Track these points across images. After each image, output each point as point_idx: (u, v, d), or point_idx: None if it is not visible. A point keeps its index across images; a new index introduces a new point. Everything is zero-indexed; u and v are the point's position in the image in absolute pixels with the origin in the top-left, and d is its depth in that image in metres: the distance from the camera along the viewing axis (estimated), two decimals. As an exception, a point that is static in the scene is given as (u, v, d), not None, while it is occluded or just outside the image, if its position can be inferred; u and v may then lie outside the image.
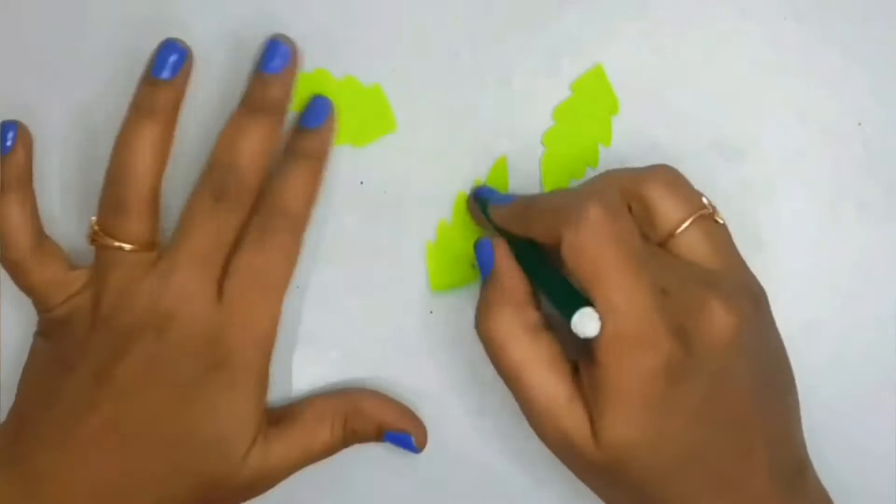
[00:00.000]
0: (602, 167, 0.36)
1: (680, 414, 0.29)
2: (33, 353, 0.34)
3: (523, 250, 0.32)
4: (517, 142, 0.36)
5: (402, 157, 0.36)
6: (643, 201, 0.31)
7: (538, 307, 0.32)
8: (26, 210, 0.33)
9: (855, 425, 0.35)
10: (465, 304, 0.36)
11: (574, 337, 0.29)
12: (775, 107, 0.36)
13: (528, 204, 0.32)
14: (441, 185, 0.36)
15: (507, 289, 0.31)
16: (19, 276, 0.33)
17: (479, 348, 0.36)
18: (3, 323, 0.37)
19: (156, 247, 0.33)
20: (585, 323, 0.28)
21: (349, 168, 0.36)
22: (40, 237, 0.34)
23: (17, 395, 0.34)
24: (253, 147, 0.33)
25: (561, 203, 0.30)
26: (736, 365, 0.30)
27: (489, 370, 0.36)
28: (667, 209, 0.31)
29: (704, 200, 0.31)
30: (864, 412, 0.36)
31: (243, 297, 0.32)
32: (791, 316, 0.32)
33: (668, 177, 0.31)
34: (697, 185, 0.33)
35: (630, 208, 0.31)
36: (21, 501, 0.31)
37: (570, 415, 0.29)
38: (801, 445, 0.31)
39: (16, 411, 0.33)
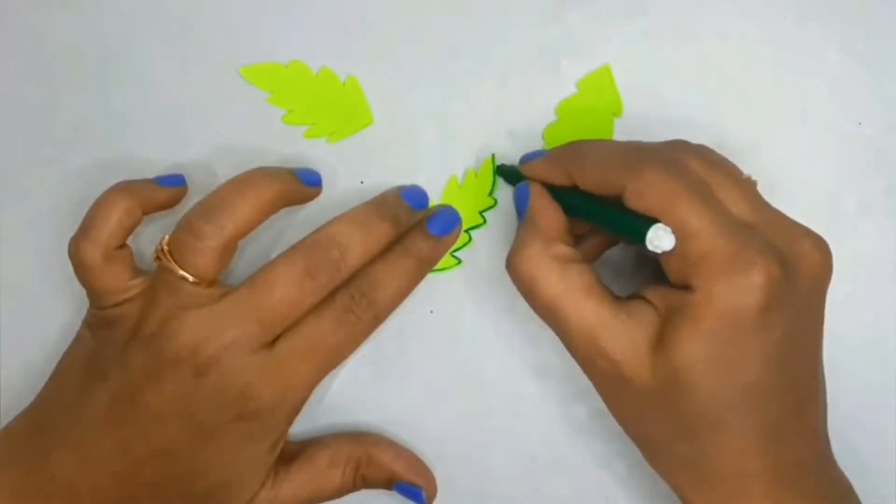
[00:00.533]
0: None
1: (760, 344, 0.28)
2: (76, 343, 0.34)
3: (568, 194, 0.32)
4: (516, 135, 0.36)
5: (402, 157, 0.36)
6: (708, 154, 0.31)
7: (571, 244, 0.31)
8: (129, 215, 0.32)
9: (855, 425, 0.35)
10: (465, 304, 0.36)
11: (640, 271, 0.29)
12: (775, 107, 0.36)
13: (575, 153, 0.32)
14: (441, 185, 0.36)
15: (538, 226, 0.31)
16: (82, 271, 0.32)
17: (479, 349, 0.36)
18: (4, 325, 0.37)
19: (215, 284, 0.32)
20: (660, 237, 0.28)
21: (351, 167, 0.36)
22: (121, 245, 0.33)
23: (49, 383, 0.33)
24: (367, 248, 0.32)
25: (620, 155, 0.30)
26: (817, 308, 0.30)
27: (489, 370, 0.36)
28: (726, 164, 0.31)
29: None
30: (864, 412, 0.36)
31: (293, 361, 0.31)
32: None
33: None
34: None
35: None
36: (27, 493, 0.31)
37: (613, 336, 0.29)
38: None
39: (43, 400, 0.33)
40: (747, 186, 0.30)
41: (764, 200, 0.31)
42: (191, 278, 0.31)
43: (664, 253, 0.28)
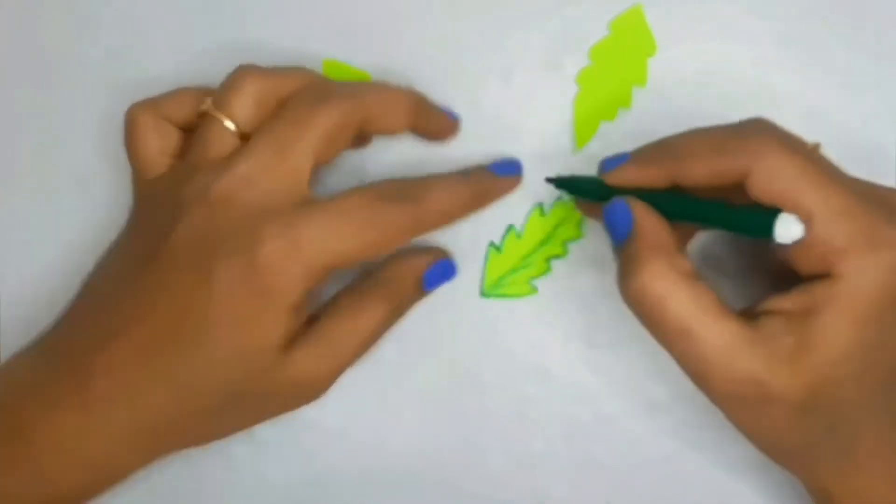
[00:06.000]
0: (634, 109, 0.36)
1: None
2: (110, 251, 0.32)
3: (664, 198, 0.29)
4: (518, 134, 0.36)
5: (403, 156, 0.36)
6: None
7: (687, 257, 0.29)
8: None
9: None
10: (465, 305, 0.36)
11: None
12: (780, 105, 0.36)
13: (673, 147, 0.29)
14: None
15: (654, 242, 0.28)
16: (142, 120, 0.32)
17: (478, 349, 0.36)
18: (4, 324, 0.37)
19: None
20: (788, 227, 0.26)
21: (354, 167, 0.36)
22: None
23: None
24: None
25: (728, 136, 0.28)
26: None
27: (488, 370, 0.36)
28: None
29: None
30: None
31: (315, 229, 0.29)
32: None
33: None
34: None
35: None
36: (64, 392, 0.30)
37: (755, 355, 0.27)
38: None
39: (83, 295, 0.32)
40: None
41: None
42: (231, 126, 0.30)
43: (794, 244, 0.27)
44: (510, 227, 0.36)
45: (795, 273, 0.28)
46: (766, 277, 0.31)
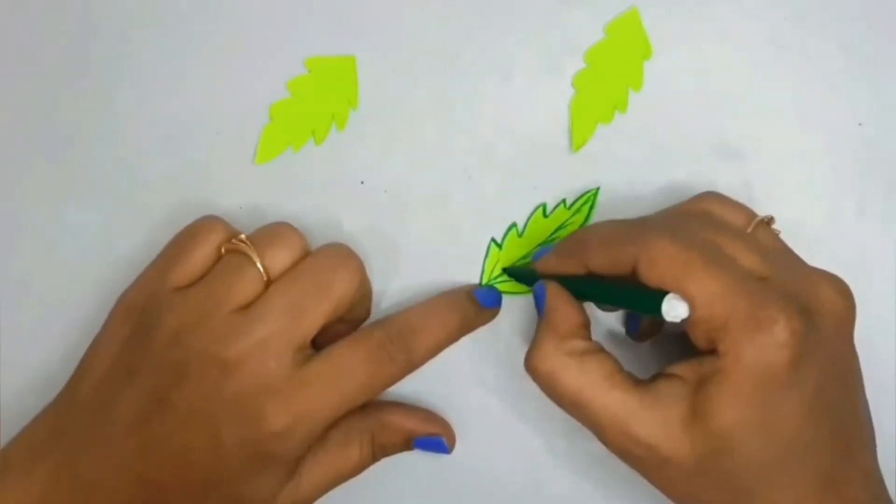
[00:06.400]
0: (631, 112, 0.36)
1: (797, 398, 0.28)
2: (105, 335, 0.32)
3: (583, 282, 0.32)
4: (518, 134, 0.36)
5: (401, 156, 0.36)
6: (707, 215, 0.31)
7: (587, 337, 0.32)
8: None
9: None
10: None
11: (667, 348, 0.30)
12: (775, 107, 0.36)
13: (582, 239, 0.32)
14: (441, 185, 0.36)
15: (553, 324, 0.31)
16: (195, 237, 0.32)
17: (478, 349, 0.36)
18: (4, 325, 0.37)
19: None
20: (675, 306, 0.28)
21: (351, 167, 0.36)
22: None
23: (75, 378, 0.32)
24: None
25: (624, 231, 0.31)
26: (847, 353, 0.30)
27: (489, 370, 0.36)
28: (730, 217, 0.32)
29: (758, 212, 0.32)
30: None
31: (316, 386, 0.30)
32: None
33: (717, 195, 0.33)
34: (699, 186, 0.34)
35: None
36: (56, 492, 0.31)
37: (643, 421, 0.29)
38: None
39: (70, 395, 0.32)
40: (755, 239, 0.31)
41: (777, 246, 0.31)
42: (260, 266, 0.31)
43: (685, 321, 0.28)
44: (513, 225, 0.36)
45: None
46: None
